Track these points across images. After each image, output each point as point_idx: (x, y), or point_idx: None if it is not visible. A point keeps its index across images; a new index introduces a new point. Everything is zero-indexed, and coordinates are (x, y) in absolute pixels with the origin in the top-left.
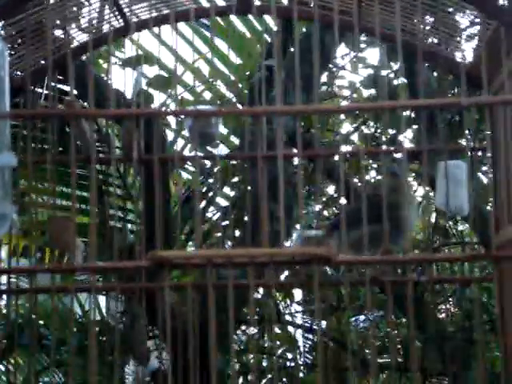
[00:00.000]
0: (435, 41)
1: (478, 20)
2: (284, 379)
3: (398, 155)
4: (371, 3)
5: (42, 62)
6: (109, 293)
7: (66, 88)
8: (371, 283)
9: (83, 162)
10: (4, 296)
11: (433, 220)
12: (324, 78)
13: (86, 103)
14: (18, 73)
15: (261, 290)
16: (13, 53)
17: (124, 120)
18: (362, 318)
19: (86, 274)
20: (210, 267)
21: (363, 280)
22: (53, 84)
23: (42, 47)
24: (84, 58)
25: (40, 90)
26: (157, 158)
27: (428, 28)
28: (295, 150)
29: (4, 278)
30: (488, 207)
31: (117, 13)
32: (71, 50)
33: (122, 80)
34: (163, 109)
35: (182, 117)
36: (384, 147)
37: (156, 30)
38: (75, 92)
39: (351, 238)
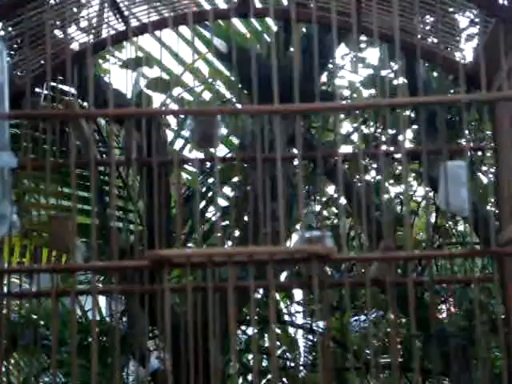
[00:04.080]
0: (435, 40)
1: (477, 19)
2: (284, 379)
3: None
4: (370, 3)
5: (42, 62)
6: (111, 294)
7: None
8: (372, 284)
9: (84, 165)
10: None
11: (433, 220)
12: (323, 78)
13: (85, 103)
14: (18, 73)
15: (261, 291)
16: (13, 54)
17: (125, 120)
18: (362, 318)
19: (87, 273)
20: (210, 266)
21: (364, 280)
22: (53, 85)
23: (42, 49)
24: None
25: (41, 91)
26: (157, 161)
27: (427, 28)
28: (295, 151)
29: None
30: (488, 207)
31: (118, 15)
32: (71, 53)
33: (122, 81)
34: (163, 108)
35: (182, 116)
36: (383, 147)
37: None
38: (75, 92)
39: None
